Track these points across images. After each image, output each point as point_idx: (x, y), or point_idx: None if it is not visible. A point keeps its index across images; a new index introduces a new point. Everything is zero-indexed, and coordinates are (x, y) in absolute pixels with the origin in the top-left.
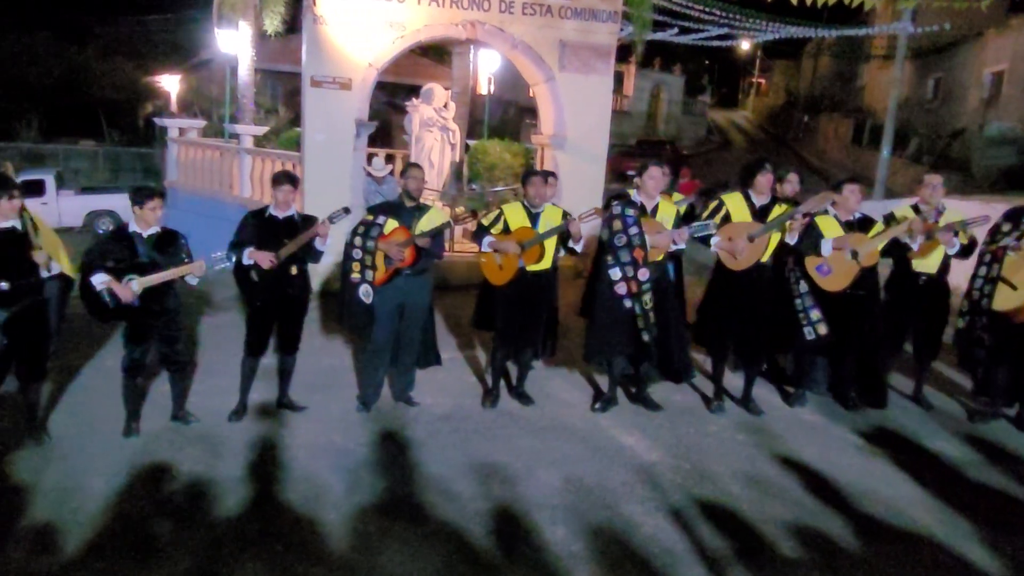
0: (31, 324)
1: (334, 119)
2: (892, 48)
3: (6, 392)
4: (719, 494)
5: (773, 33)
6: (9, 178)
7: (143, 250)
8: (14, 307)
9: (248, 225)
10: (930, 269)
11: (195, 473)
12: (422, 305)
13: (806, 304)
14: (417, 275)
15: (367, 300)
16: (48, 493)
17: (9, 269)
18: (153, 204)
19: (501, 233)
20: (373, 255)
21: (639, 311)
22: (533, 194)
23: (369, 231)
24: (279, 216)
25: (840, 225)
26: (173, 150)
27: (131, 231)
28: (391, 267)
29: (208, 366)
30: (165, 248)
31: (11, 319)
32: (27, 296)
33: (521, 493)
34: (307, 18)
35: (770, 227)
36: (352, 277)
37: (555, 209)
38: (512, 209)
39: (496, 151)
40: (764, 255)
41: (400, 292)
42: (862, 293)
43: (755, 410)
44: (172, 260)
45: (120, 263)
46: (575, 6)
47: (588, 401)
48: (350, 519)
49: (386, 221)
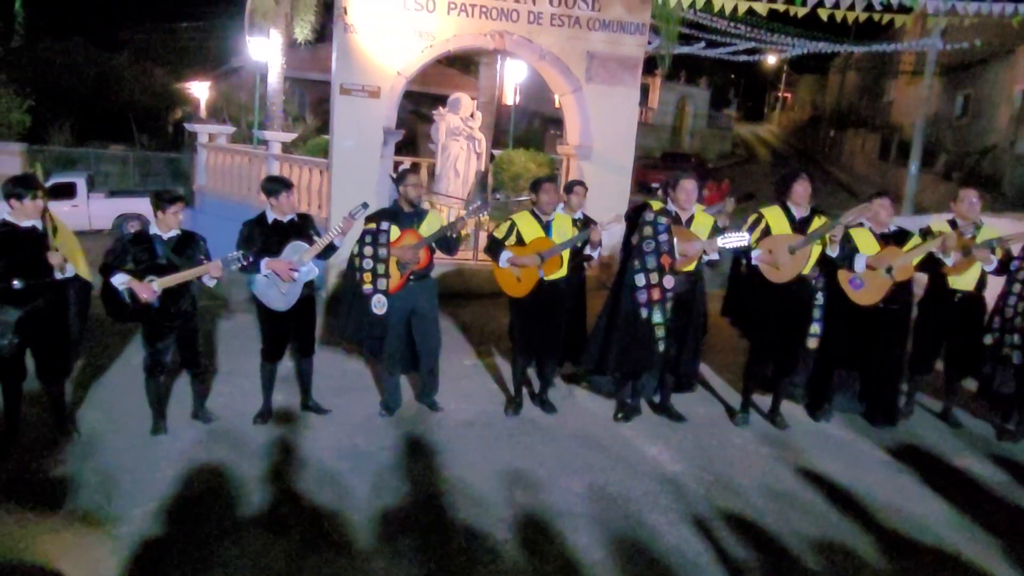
0: (48, 324)
1: (362, 127)
2: (921, 64)
3: (35, 390)
4: (743, 506)
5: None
6: (36, 179)
7: (162, 252)
8: (27, 306)
9: (255, 234)
10: (967, 286)
11: (222, 473)
12: (431, 309)
13: (815, 316)
14: (422, 279)
15: (381, 311)
16: (75, 488)
17: (25, 268)
18: (175, 208)
19: (515, 245)
20: (386, 262)
21: (658, 320)
22: (546, 201)
23: (378, 239)
24: (283, 220)
25: (875, 238)
26: (202, 155)
27: (151, 233)
28: (405, 272)
29: (232, 368)
30: (183, 250)
31: (26, 318)
32: (41, 296)
33: (544, 500)
34: (338, 26)
35: (811, 239)
36: (364, 288)
37: (565, 217)
38: (523, 219)
39: (521, 161)
40: (806, 267)
41: (409, 298)
42: (895, 307)
43: (781, 424)
44: (190, 262)
45: (139, 264)
46: (603, 18)
47: (611, 410)
48: (373, 520)
49: (390, 227)
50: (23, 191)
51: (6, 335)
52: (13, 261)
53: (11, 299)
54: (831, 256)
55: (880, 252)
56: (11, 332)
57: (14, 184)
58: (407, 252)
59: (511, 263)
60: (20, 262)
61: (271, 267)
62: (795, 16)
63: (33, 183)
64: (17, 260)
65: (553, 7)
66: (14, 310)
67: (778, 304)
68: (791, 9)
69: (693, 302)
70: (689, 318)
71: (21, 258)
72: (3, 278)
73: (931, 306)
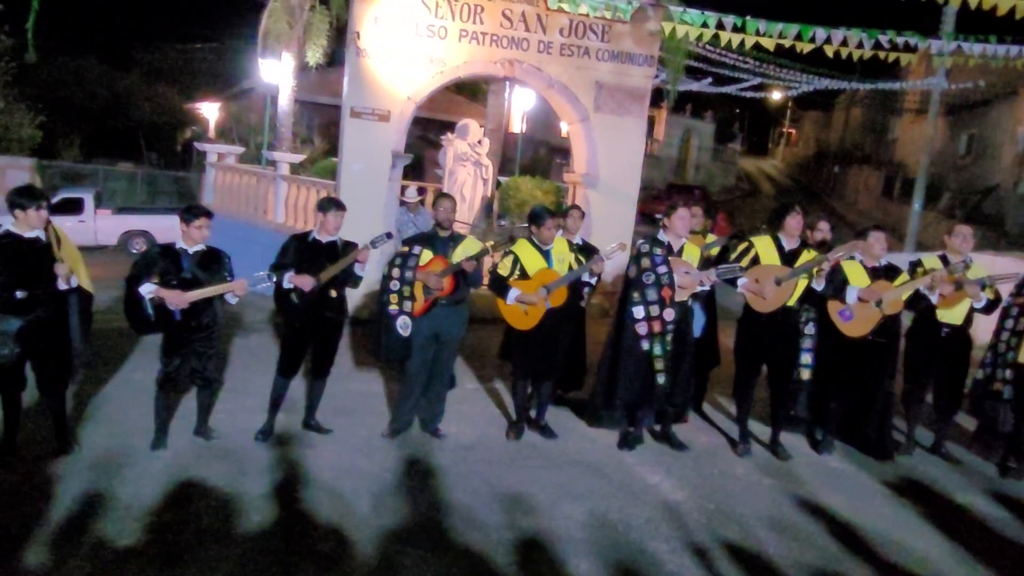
0: (48, 335)
1: (371, 150)
2: (925, 103)
3: (35, 401)
4: (744, 536)
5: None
6: (39, 190)
7: (187, 265)
8: (29, 316)
9: (291, 248)
10: (955, 320)
11: (222, 489)
12: (456, 335)
13: (804, 346)
14: (454, 305)
15: (405, 332)
16: (75, 500)
17: (28, 278)
18: (200, 223)
19: (520, 279)
20: (411, 286)
21: (658, 352)
22: (547, 237)
23: (406, 262)
24: (323, 240)
25: (866, 271)
26: (211, 175)
27: (177, 247)
28: (430, 297)
29: (237, 385)
30: (209, 265)
31: (27, 329)
32: (42, 306)
33: (545, 525)
34: (350, 51)
35: (798, 272)
36: (390, 309)
37: (561, 241)
38: (524, 249)
39: (527, 188)
40: (791, 299)
41: (436, 322)
42: (883, 340)
43: (782, 455)
44: (214, 278)
45: (164, 277)
46: (612, 49)
47: (612, 437)
48: (374, 541)
49: (422, 251)
50: (27, 202)
51: (7, 345)
52: (16, 271)
53: (13, 309)
54: (816, 289)
55: (871, 285)
56: (12, 342)
57: (18, 195)
58: (431, 278)
59: (519, 301)
60: (23, 272)
61: (294, 281)
62: (801, 52)
63: (37, 194)
64: (20, 270)
65: (563, 37)
66: (15, 320)
67: (761, 333)
68: (798, 45)
69: (686, 332)
70: (683, 348)
71: (24, 268)
72: (6, 288)
73: (918, 339)
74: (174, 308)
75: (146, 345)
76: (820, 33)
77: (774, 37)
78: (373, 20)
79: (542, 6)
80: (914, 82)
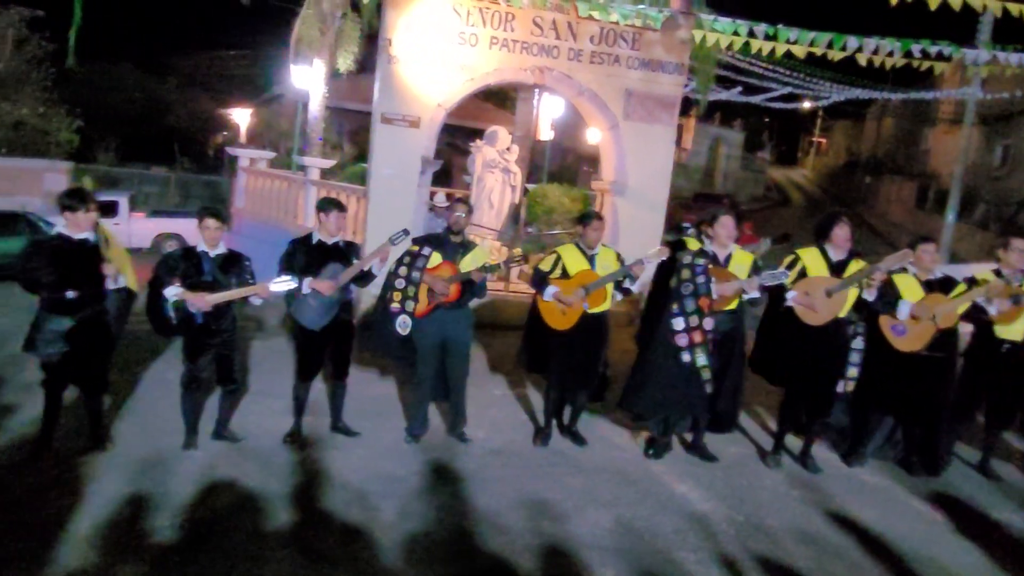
0: (93, 334)
1: (401, 155)
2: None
3: (71, 398)
4: (774, 549)
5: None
6: (88, 192)
7: (208, 268)
8: (79, 315)
9: (298, 253)
10: (1015, 336)
11: (251, 489)
12: (464, 339)
13: (852, 360)
14: (456, 308)
15: (403, 331)
16: (107, 497)
17: (78, 279)
18: (209, 222)
19: (560, 278)
20: (417, 287)
21: (700, 363)
22: (594, 238)
23: (415, 262)
24: (327, 242)
25: (920, 285)
26: (242, 179)
27: (199, 250)
28: (434, 301)
29: (264, 388)
30: (229, 268)
31: (75, 328)
32: (91, 306)
33: (571, 532)
34: (382, 57)
35: (849, 283)
36: (392, 306)
37: (609, 250)
38: (568, 252)
39: (555, 195)
40: (842, 311)
41: (441, 326)
42: (939, 356)
43: (813, 467)
44: (235, 281)
45: (186, 280)
46: (643, 57)
47: (641, 445)
48: (400, 544)
49: (431, 253)
50: (77, 204)
51: (57, 343)
52: (67, 272)
53: (64, 309)
54: (868, 300)
55: (924, 299)
56: (61, 341)
57: (68, 197)
58: (438, 282)
59: (556, 298)
60: (73, 273)
61: (314, 286)
62: (833, 61)
63: (86, 197)
64: (70, 271)
65: (593, 45)
66: (66, 319)
67: (812, 346)
68: (829, 53)
69: (735, 341)
70: (730, 357)
71: (74, 269)
72: (57, 288)
73: (977, 356)
74: (196, 311)
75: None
76: (852, 42)
77: (805, 46)
78: (405, 27)
79: (573, 14)
80: (948, 92)
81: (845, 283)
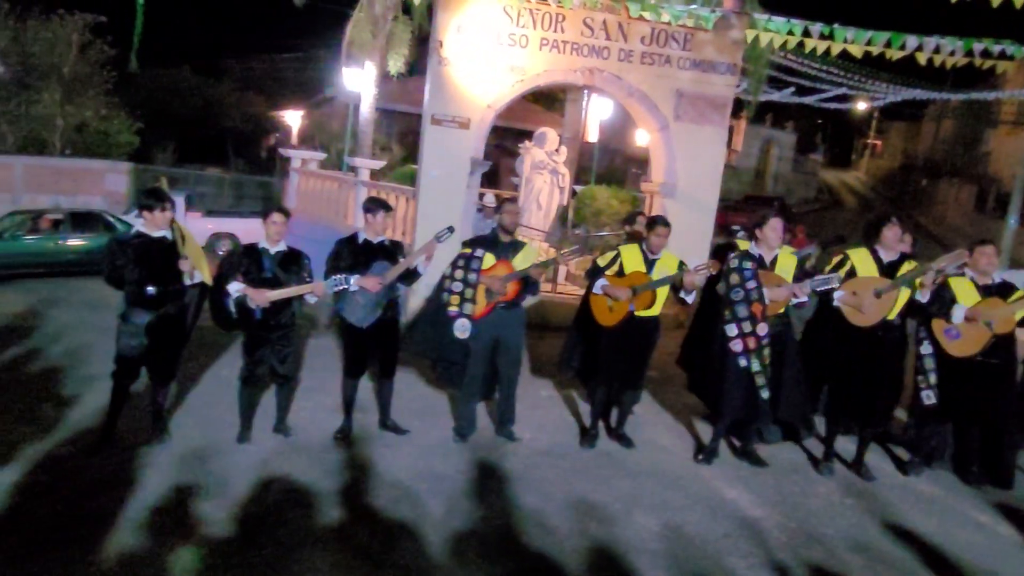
0: (170, 328)
1: (450, 156)
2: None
3: (134, 391)
4: (828, 558)
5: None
6: (164, 192)
7: (268, 265)
8: (159, 310)
9: (344, 252)
10: None
11: (302, 484)
12: (517, 339)
13: (927, 367)
14: (511, 309)
15: (463, 335)
16: (165, 488)
17: (158, 275)
18: (274, 218)
19: (616, 276)
20: (475, 288)
21: (757, 368)
22: (656, 244)
23: (470, 264)
24: (373, 241)
25: (976, 289)
26: (294, 179)
27: (260, 247)
28: (492, 301)
29: (316, 385)
30: (289, 266)
31: (154, 322)
32: (170, 301)
33: (618, 534)
34: (432, 59)
35: (899, 283)
36: (450, 311)
37: (672, 257)
38: (629, 252)
39: (603, 197)
40: (891, 312)
41: (495, 326)
42: (995, 362)
43: (867, 475)
44: (294, 278)
45: (247, 276)
46: (694, 57)
47: (688, 449)
48: (447, 542)
49: (484, 255)
50: (154, 203)
51: (137, 337)
52: (147, 269)
53: (144, 304)
54: (920, 302)
55: (980, 303)
56: (142, 335)
57: (146, 197)
58: (495, 282)
59: (604, 291)
60: (153, 270)
61: (360, 283)
62: (890, 60)
63: (162, 196)
64: (150, 268)
65: (644, 45)
66: (147, 314)
67: (859, 349)
68: (887, 52)
69: (785, 344)
70: (782, 361)
71: (153, 266)
72: (138, 284)
73: None
74: (255, 307)
75: (234, 343)
76: (912, 41)
77: (862, 45)
78: (456, 29)
79: (624, 15)
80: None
81: (896, 283)
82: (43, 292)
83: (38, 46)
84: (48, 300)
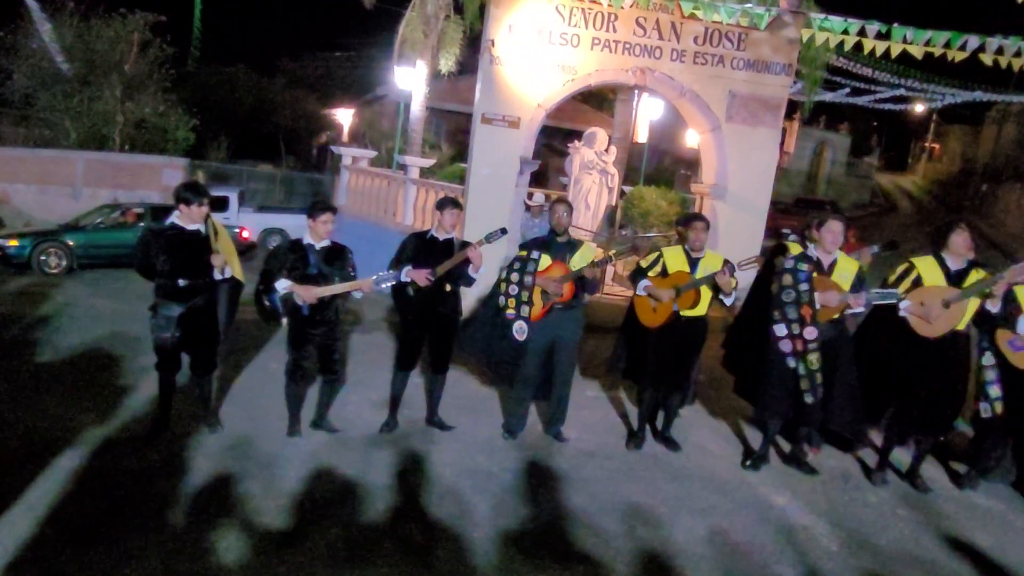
0: (203, 320)
1: (500, 155)
2: None
3: (183, 384)
4: (880, 568)
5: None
6: (202, 186)
7: (314, 260)
8: (189, 303)
9: (410, 245)
10: None
11: (349, 478)
12: (573, 340)
13: (988, 378)
14: (569, 309)
15: (521, 337)
16: (217, 477)
17: (189, 268)
18: (325, 217)
19: (659, 276)
20: (531, 291)
21: (803, 371)
22: (694, 239)
23: (526, 266)
24: (440, 238)
25: None
26: (345, 177)
27: (305, 243)
28: (548, 303)
29: (362, 380)
30: (333, 261)
31: (185, 314)
32: (201, 294)
33: (665, 537)
34: (484, 58)
35: (970, 292)
36: (507, 313)
37: (716, 256)
38: (672, 253)
39: (652, 198)
40: (961, 323)
41: (553, 327)
42: None
43: (922, 487)
44: (339, 273)
45: (292, 272)
46: (748, 57)
47: (735, 453)
48: (493, 540)
49: (540, 256)
50: (192, 196)
51: (169, 328)
52: (179, 261)
53: (175, 296)
54: (991, 312)
55: None
56: (174, 327)
57: (184, 190)
58: (551, 283)
59: (647, 291)
60: (185, 262)
61: (411, 275)
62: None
63: (200, 190)
64: (183, 260)
65: (697, 45)
66: (178, 306)
67: (927, 360)
68: (948, 54)
69: (838, 351)
70: (835, 367)
71: (186, 258)
72: (170, 276)
73: None
74: (302, 303)
75: (281, 337)
76: (973, 41)
77: (921, 45)
78: (507, 28)
79: (677, 14)
80: None
81: (966, 292)
82: (106, 282)
83: (101, 44)
84: (112, 290)
